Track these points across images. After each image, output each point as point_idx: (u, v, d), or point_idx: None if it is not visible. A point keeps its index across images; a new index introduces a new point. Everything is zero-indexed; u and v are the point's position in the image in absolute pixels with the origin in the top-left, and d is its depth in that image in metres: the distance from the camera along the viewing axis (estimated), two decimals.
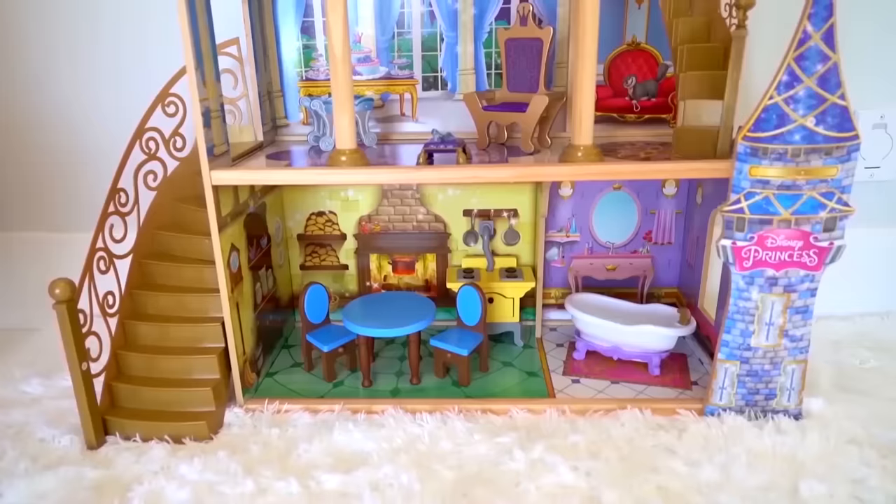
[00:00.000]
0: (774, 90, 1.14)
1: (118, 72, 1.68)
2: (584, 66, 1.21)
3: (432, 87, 1.60)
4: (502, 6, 1.53)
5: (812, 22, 1.09)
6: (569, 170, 1.24)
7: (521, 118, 1.38)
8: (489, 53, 1.56)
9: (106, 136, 1.70)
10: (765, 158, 1.17)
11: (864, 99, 1.62)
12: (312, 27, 1.56)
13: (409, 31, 1.56)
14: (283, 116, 1.63)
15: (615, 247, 1.70)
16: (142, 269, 1.44)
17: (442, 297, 1.71)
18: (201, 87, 1.20)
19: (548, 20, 1.53)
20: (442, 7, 1.53)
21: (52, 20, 1.65)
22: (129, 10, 1.62)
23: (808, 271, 1.23)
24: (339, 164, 1.25)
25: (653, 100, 1.58)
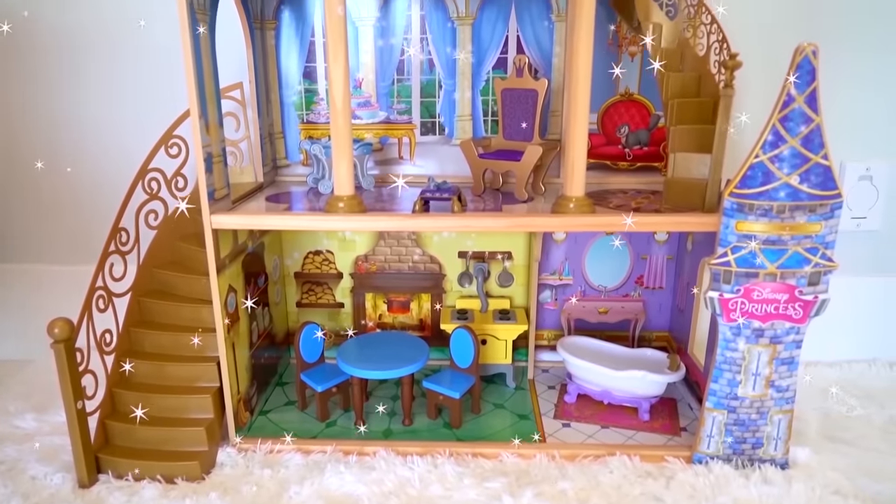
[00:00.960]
0: (760, 149, 1.17)
1: (122, 110, 1.71)
2: (576, 120, 1.24)
3: (430, 132, 1.64)
4: (499, 56, 1.58)
5: (796, 85, 1.13)
6: (560, 221, 1.27)
7: (516, 167, 1.42)
8: (486, 101, 1.61)
9: (106, 170, 1.73)
10: (751, 214, 1.20)
11: (850, 152, 1.67)
12: (314, 72, 1.60)
13: (409, 77, 1.60)
14: (284, 157, 1.67)
15: (607, 290, 1.72)
16: (140, 306, 1.46)
17: (436, 337, 1.73)
18: (204, 134, 1.24)
19: (543, 71, 1.58)
20: (441, 55, 1.58)
21: (56, 59, 1.70)
22: (134, 50, 1.66)
23: (793, 324, 1.26)
24: (337, 210, 1.28)
25: (645, 148, 1.63)
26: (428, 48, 1.58)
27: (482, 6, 1.54)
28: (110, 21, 1.64)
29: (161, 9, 1.50)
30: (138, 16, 1.60)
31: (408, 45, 1.58)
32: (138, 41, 1.63)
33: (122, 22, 1.62)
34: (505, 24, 1.55)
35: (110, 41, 1.65)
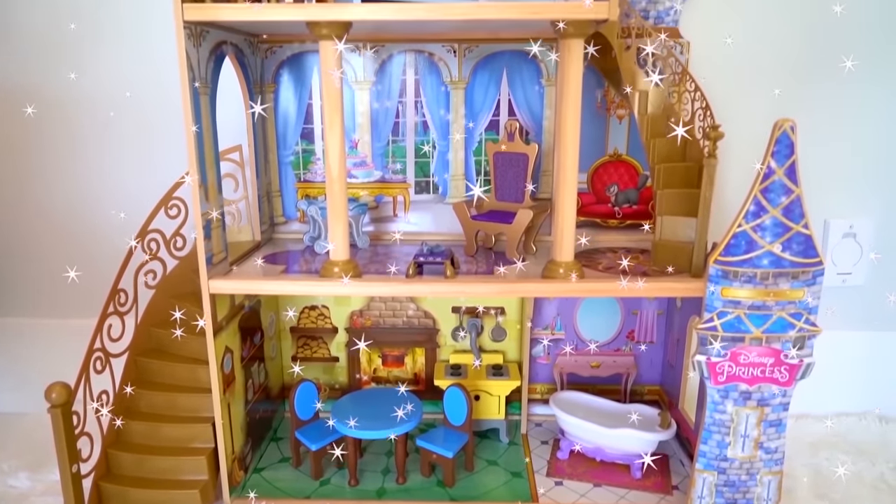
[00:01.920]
0: (743, 219, 1.21)
1: (122, 171, 1.75)
2: (565, 186, 1.28)
3: (424, 191, 1.68)
4: (492, 118, 1.63)
5: (775, 159, 1.18)
6: (550, 287, 1.30)
7: (507, 229, 1.45)
8: (479, 161, 1.65)
9: (105, 228, 1.75)
10: (735, 281, 1.24)
11: (834, 210, 1.71)
12: (312, 133, 1.65)
13: (404, 139, 1.65)
14: (281, 214, 1.70)
15: (599, 345, 1.74)
16: (137, 365, 1.48)
17: (429, 391, 1.75)
18: (204, 201, 1.27)
19: (534, 133, 1.62)
20: (435, 118, 1.63)
21: (59, 118, 1.73)
22: (136, 114, 1.70)
23: (780, 387, 1.28)
24: (332, 275, 1.31)
25: (634, 207, 1.67)
26: (422, 110, 1.63)
27: (475, 71, 1.60)
28: (112, 85, 1.68)
29: (163, 74, 1.54)
30: (140, 82, 1.65)
31: (403, 107, 1.62)
32: (140, 106, 1.67)
33: (124, 87, 1.66)
34: (497, 89, 1.61)
35: (113, 105, 1.68)
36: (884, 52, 1.64)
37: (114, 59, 1.67)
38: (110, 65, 1.68)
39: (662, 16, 1.58)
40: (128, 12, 1.65)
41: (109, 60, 1.68)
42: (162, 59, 1.50)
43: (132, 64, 1.67)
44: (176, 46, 1.17)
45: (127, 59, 1.67)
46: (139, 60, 1.66)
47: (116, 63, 1.68)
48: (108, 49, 1.67)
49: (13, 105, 1.71)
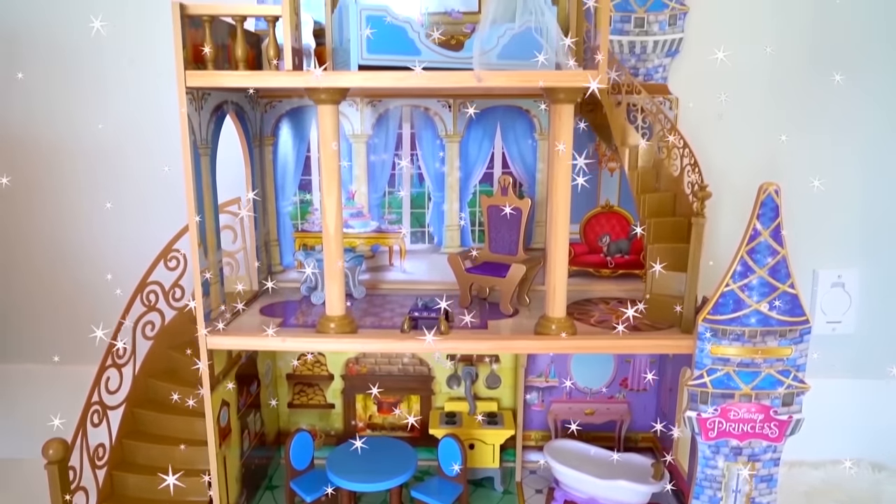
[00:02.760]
0: (730, 278, 1.24)
1: (123, 224, 1.77)
2: (556, 243, 1.31)
3: (420, 241, 1.70)
4: (486, 171, 1.66)
5: (761, 221, 1.21)
6: (542, 344, 1.33)
7: (501, 283, 1.48)
8: (473, 212, 1.68)
9: (103, 279, 1.77)
10: (724, 339, 1.26)
11: (823, 260, 1.75)
12: (310, 184, 1.68)
13: (400, 190, 1.68)
14: (279, 263, 1.73)
15: (592, 392, 1.76)
16: (134, 417, 1.49)
17: (424, 438, 1.75)
18: (203, 259, 1.30)
19: (528, 185, 1.66)
20: (430, 170, 1.66)
21: (60, 170, 1.77)
22: (137, 168, 1.73)
23: (770, 442, 1.29)
24: (328, 330, 1.33)
25: (626, 257, 1.69)
26: (418, 163, 1.66)
27: (469, 125, 1.63)
28: (112, 138, 1.71)
29: (164, 129, 1.58)
30: (141, 136, 1.68)
31: (399, 160, 1.66)
32: (141, 160, 1.70)
33: (125, 140, 1.70)
34: (491, 142, 1.64)
35: (114, 157, 1.72)
36: (873, 109, 1.68)
37: (115, 109, 1.71)
38: (112, 114, 1.71)
39: (651, 73, 1.63)
40: (129, 70, 1.69)
41: (110, 110, 1.71)
42: (163, 113, 1.55)
43: (134, 114, 1.71)
44: (178, 111, 1.20)
45: (128, 110, 1.71)
46: (141, 113, 1.70)
47: (118, 113, 1.71)
48: (109, 101, 1.71)
49: (21, 151, 1.75)
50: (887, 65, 1.67)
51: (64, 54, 1.70)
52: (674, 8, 1.58)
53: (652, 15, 1.59)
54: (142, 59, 1.68)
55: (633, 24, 1.59)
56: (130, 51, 1.68)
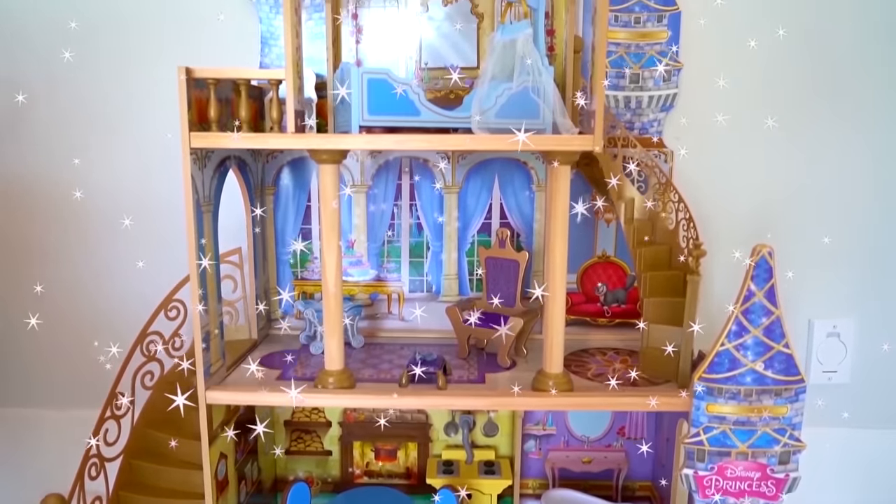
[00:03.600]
0: (725, 338, 1.26)
1: (123, 273, 1.78)
2: (555, 301, 1.33)
3: (418, 289, 1.72)
4: (484, 221, 1.68)
5: (755, 282, 1.23)
6: (539, 401, 1.33)
7: (498, 336, 1.49)
8: (471, 261, 1.70)
9: (101, 327, 1.78)
10: (720, 397, 1.27)
11: (818, 310, 1.76)
12: (310, 233, 1.70)
13: (399, 239, 1.70)
14: (278, 310, 1.74)
15: (590, 440, 1.76)
16: (131, 468, 1.49)
17: (421, 486, 1.75)
18: (203, 315, 1.31)
19: (525, 235, 1.68)
20: (429, 220, 1.68)
21: (58, 223, 1.78)
22: (136, 220, 1.74)
23: (767, 500, 1.30)
24: (327, 385, 1.34)
25: (622, 306, 1.71)
26: (417, 213, 1.68)
27: (467, 177, 1.66)
28: (111, 188, 1.73)
29: (163, 183, 1.60)
30: (142, 188, 1.70)
31: (398, 210, 1.68)
32: (140, 211, 1.72)
33: (123, 192, 1.72)
34: (489, 194, 1.67)
35: (113, 209, 1.73)
36: (869, 162, 1.71)
37: (115, 159, 1.74)
38: (110, 165, 1.74)
39: (647, 127, 1.66)
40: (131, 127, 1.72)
41: (110, 160, 1.74)
42: (164, 168, 1.57)
43: (134, 163, 1.73)
44: (182, 172, 1.23)
45: (128, 162, 1.73)
46: (141, 165, 1.72)
47: (118, 163, 1.74)
48: (108, 149, 1.74)
49: (23, 196, 1.77)
50: (886, 120, 1.69)
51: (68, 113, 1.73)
52: (668, 64, 1.62)
53: (647, 71, 1.62)
54: (145, 117, 1.71)
55: (628, 80, 1.62)
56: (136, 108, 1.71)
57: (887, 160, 1.71)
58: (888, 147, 1.71)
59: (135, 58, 1.68)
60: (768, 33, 1.58)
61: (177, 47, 1.66)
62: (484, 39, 1.60)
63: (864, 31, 1.66)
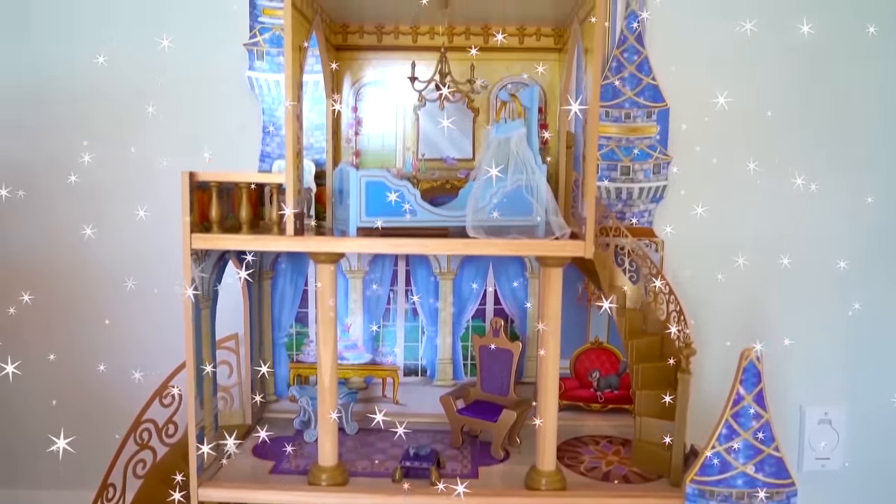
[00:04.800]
0: (716, 441, 1.27)
1: (121, 358, 1.78)
2: (547, 396, 1.34)
3: (413, 374, 1.73)
4: (478, 307, 1.71)
5: (744, 386, 1.25)
6: (531, 501, 1.33)
7: (492, 427, 1.50)
8: (466, 346, 1.72)
9: (94, 406, 1.78)
10: (712, 500, 1.28)
11: (809, 397, 1.77)
12: (306, 317, 1.72)
13: (394, 324, 1.72)
14: (273, 393, 1.74)
15: None
16: None
17: None
18: (199, 411, 1.32)
19: (519, 321, 1.70)
20: (424, 305, 1.71)
21: (57, 304, 1.80)
22: (134, 305, 1.76)
23: None
24: (319, 482, 1.34)
25: (615, 392, 1.72)
26: (412, 298, 1.71)
27: (462, 264, 1.69)
28: (111, 277, 1.75)
29: (161, 268, 1.62)
30: (141, 273, 1.72)
31: (394, 295, 1.71)
32: (136, 299, 1.74)
33: (122, 280, 1.74)
34: (483, 280, 1.70)
35: (112, 299, 1.75)
36: (856, 249, 1.74)
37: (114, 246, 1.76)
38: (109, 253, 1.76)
39: (637, 217, 1.70)
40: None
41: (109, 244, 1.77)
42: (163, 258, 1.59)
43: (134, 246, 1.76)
44: (182, 271, 1.25)
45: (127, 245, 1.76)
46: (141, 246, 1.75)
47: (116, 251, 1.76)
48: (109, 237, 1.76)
49: (22, 271, 1.79)
50: (874, 207, 1.73)
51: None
52: (657, 158, 1.67)
53: (637, 164, 1.67)
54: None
55: (619, 172, 1.67)
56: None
57: (872, 244, 1.75)
58: (875, 232, 1.75)
59: (136, 147, 1.72)
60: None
61: (180, 134, 1.70)
62: (479, 132, 1.66)
63: (851, 121, 1.72)
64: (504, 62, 1.63)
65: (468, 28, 1.61)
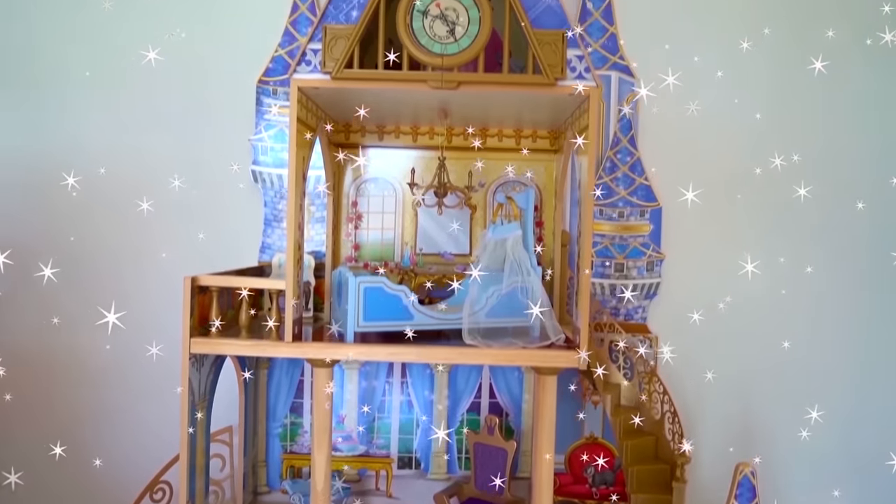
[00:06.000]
0: None
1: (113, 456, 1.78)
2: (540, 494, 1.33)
3: (407, 466, 1.72)
4: (473, 400, 1.71)
5: (739, 501, 1.25)
6: None
7: None
8: (460, 439, 1.71)
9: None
10: None
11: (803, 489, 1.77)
12: (301, 407, 1.72)
13: (389, 416, 1.72)
14: (265, 484, 1.73)
15: None
16: None
17: None
18: None
19: (513, 414, 1.70)
20: (419, 397, 1.71)
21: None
22: (131, 388, 1.77)
23: None
24: None
25: (610, 488, 1.71)
26: (408, 390, 1.71)
27: None
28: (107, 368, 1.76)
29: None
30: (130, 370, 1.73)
31: (389, 387, 1.71)
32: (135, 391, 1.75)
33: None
34: (479, 374, 1.70)
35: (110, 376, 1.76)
36: (853, 335, 1.76)
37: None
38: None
39: (631, 313, 1.72)
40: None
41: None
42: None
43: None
44: (180, 375, 1.26)
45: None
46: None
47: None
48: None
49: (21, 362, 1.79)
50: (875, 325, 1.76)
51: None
52: (651, 255, 1.70)
53: (631, 261, 1.70)
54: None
55: (613, 269, 1.70)
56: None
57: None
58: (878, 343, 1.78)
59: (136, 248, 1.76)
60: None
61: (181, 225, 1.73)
62: (476, 229, 1.69)
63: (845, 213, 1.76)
64: (501, 161, 1.67)
65: (465, 130, 1.66)
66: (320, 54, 1.26)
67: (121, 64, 1.71)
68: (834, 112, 1.74)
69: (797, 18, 1.71)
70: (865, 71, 1.72)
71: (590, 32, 1.68)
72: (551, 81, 1.24)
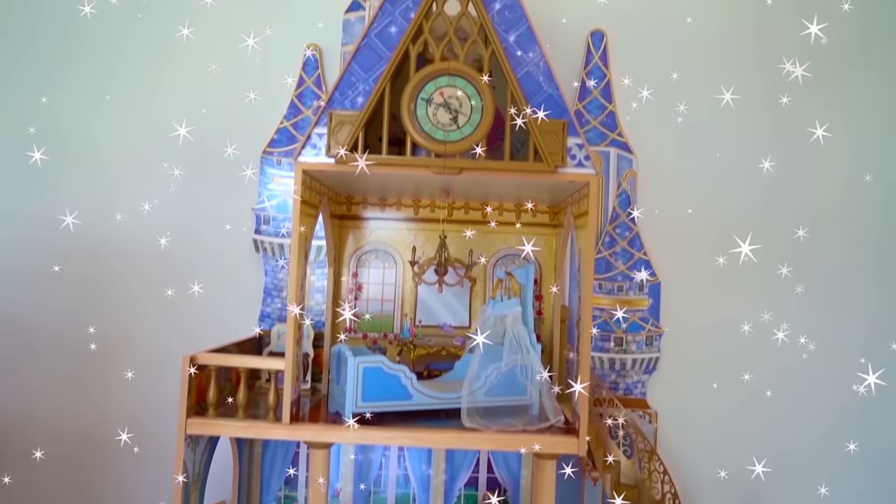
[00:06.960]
0: None
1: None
2: None
3: None
4: (471, 475, 1.69)
5: None
6: None
7: None
8: None
9: None
10: None
11: None
12: (296, 480, 1.69)
13: (385, 490, 1.69)
14: None
15: None
16: None
17: None
18: None
19: (511, 491, 1.67)
20: (416, 471, 1.69)
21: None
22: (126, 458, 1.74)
23: None
24: None
25: None
26: (404, 464, 1.69)
27: None
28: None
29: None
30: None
31: (386, 460, 1.69)
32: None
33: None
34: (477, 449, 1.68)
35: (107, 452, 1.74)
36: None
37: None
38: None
39: (631, 388, 1.71)
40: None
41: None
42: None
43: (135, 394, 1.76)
44: (175, 457, 1.25)
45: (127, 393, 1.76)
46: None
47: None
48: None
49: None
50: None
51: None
52: (650, 330, 1.71)
53: (630, 335, 1.70)
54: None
55: (612, 343, 1.70)
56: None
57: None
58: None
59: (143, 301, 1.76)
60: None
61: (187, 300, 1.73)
62: (476, 301, 1.70)
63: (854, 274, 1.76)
64: (501, 235, 1.69)
65: (467, 203, 1.68)
66: (325, 138, 1.28)
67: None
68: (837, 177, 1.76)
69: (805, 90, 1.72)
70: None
71: (589, 110, 1.72)
72: (552, 169, 1.26)
